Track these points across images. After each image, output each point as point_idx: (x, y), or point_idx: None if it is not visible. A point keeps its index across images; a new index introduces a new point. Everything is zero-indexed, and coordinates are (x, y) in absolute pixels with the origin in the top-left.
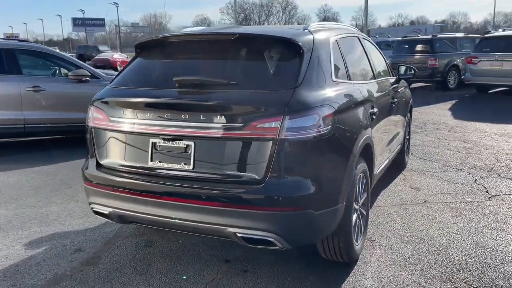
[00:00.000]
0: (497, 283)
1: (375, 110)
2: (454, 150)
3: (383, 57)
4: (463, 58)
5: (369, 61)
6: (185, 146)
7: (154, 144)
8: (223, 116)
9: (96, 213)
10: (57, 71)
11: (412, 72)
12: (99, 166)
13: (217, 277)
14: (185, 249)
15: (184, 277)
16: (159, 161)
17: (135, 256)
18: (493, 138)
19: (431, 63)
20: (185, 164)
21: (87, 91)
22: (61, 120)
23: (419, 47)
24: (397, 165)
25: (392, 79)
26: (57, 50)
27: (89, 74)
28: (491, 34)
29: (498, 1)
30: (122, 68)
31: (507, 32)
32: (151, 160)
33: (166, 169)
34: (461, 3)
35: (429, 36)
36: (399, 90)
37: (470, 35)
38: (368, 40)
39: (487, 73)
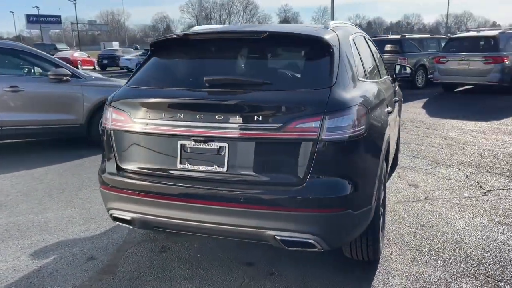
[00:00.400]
0: None
1: (390, 108)
2: (438, 147)
3: (381, 56)
4: (429, 57)
5: (375, 60)
6: (218, 147)
7: (183, 146)
8: (260, 117)
9: (116, 219)
10: (36, 70)
11: (408, 71)
12: (119, 169)
13: (244, 281)
14: (203, 253)
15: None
16: (189, 164)
17: (152, 263)
18: (471, 135)
19: (401, 63)
20: (218, 166)
21: (68, 91)
22: (41, 122)
23: (388, 47)
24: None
25: (390, 78)
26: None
27: (70, 74)
28: (458, 35)
29: (450, 3)
30: (135, 67)
31: (473, 33)
32: (180, 163)
33: (197, 172)
34: (414, 4)
35: (398, 37)
36: (396, 89)
37: (436, 35)
38: (370, 40)
39: (455, 72)
